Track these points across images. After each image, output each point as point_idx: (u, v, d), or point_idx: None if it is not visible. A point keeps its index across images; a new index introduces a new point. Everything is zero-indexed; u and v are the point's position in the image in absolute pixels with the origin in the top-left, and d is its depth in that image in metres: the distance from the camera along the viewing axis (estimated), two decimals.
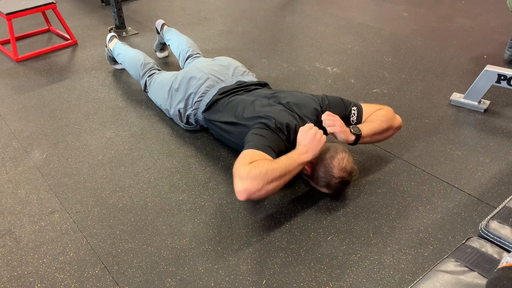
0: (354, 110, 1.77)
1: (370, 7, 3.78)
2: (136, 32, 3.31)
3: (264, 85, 2.04)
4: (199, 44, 3.02)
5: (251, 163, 1.44)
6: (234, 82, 2.01)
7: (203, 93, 1.97)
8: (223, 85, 1.99)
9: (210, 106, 1.93)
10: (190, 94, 2.00)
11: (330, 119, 1.64)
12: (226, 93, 1.92)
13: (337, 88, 2.48)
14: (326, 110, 1.73)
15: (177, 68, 2.67)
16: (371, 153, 1.95)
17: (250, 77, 2.09)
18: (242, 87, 1.96)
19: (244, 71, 2.14)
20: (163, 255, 1.49)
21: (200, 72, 2.05)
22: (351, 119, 1.77)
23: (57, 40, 3.24)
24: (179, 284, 1.39)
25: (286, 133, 1.64)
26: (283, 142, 1.63)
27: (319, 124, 1.73)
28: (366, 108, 1.80)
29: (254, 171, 1.40)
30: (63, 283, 1.40)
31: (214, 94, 1.94)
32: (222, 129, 1.86)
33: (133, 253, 1.50)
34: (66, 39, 3.17)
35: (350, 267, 1.43)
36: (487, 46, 2.95)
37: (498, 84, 2.12)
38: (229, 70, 2.10)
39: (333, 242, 1.52)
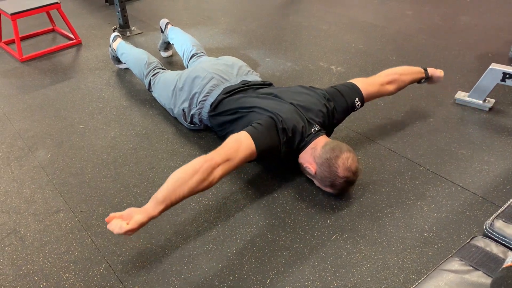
0: (357, 103, 1.84)
1: (374, 5, 3.77)
2: (140, 32, 3.32)
3: (268, 85, 2.04)
4: (202, 43, 3.02)
5: (208, 163, 1.47)
6: (238, 82, 2.00)
7: (208, 92, 1.97)
8: (227, 84, 1.99)
9: (215, 107, 1.93)
10: (195, 93, 2.00)
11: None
12: (231, 92, 1.92)
13: None
14: (332, 115, 1.78)
15: (181, 67, 2.67)
16: (375, 152, 1.95)
17: (255, 77, 2.09)
18: (246, 87, 1.96)
19: (249, 71, 2.14)
20: (167, 254, 1.49)
21: (205, 71, 2.05)
22: (356, 109, 1.86)
23: (62, 40, 3.25)
24: (183, 283, 1.39)
25: (290, 134, 1.64)
26: (279, 145, 1.62)
27: (324, 125, 1.74)
28: (371, 80, 1.93)
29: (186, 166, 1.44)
30: (68, 282, 1.41)
31: (218, 93, 1.94)
32: (228, 121, 1.85)
33: (137, 252, 1.50)
34: (71, 39, 3.19)
35: (354, 266, 1.43)
36: (492, 44, 2.93)
37: (503, 83, 2.11)
38: (233, 69, 2.10)
39: (337, 241, 1.52)
